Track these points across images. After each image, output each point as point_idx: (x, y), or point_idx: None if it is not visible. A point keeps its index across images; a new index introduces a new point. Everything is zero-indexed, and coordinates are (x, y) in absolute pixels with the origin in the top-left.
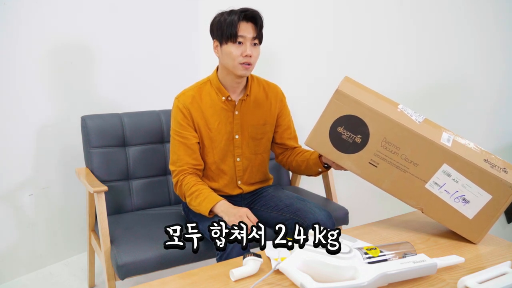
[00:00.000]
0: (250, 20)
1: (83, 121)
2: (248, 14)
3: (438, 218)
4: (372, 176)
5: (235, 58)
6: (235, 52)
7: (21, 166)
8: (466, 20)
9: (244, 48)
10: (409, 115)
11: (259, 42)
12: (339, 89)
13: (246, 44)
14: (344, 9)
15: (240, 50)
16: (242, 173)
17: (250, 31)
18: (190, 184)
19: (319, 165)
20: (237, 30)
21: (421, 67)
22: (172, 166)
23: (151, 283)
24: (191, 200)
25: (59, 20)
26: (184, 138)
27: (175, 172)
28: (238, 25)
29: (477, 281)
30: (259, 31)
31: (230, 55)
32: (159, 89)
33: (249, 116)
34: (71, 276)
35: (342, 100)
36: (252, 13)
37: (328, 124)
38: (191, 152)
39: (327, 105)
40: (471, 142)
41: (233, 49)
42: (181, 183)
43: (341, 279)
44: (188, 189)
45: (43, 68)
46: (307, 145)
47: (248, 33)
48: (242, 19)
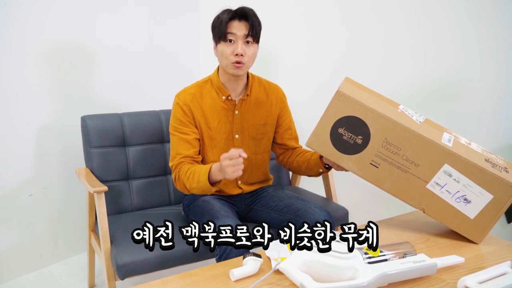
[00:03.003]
0: (243, 19)
1: (83, 121)
2: (239, 12)
3: (439, 218)
4: (373, 176)
5: (228, 57)
6: (226, 51)
7: (21, 166)
8: (467, 21)
9: (235, 46)
10: (410, 116)
11: (253, 41)
12: (339, 90)
13: (237, 42)
14: (347, 10)
15: (232, 49)
16: (242, 173)
17: (241, 29)
18: (185, 170)
19: (320, 165)
20: (227, 29)
21: (421, 68)
22: (171, 162)
23: (151, 283)
24: (190, 184)
25: (59, 20)
26: (184, 133)
27: (173, 167)
28: (228, 23)
29: (477, 281)
30: (252, 29)
31: (222, 54)
32: (159, 89)
33: (249, 116)
34: (71, 276)
35: (343, 101)
36: (242, 10)
37: (329, 125)
38: (190, 146)
39: (328, 106)
40: (472, 142)
41: (225, 47)
42: (178, 175)
43: (341, 279)
44: (184, 175)
45: (43, 68)
46: (308, 146)
47: (239, 31)
48: (233, 18)
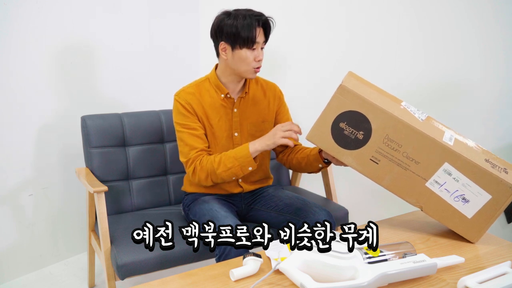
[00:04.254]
0: (263, 25)
1: (83, 121)
2: (264, 20)
3: (437, 217)
4: (373, 173)
5: (250, 63)
6: (250, 57)
7: (21, 166)
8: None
9: (257, 53)
10: (412, 113)
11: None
12: (342, 84)
13: (258, 49)
14: (348, 8)
15: (253, 55)
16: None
17: (262, 36)
18: (210, 159)
19: (320, 160)
20: (255, 36)
21: (421, 67)
22: (185, 157)
23: (151, 283)
24: (223, 166)
25: (59, 20)
26: (193, 129)
27: (189, 161)
28: (256, 31)
29: (477, 281)
30: (268, 36)
31: (245, 60)
32: (159, 89)
33: (247, 114)
34: (71, 276)
35: (345, 95)
36: (266, 19)
37: (331, 119)
38: (202, 141)
39: (330, 100)
40: (472, 141)
41: (249, 54)
42: (200, 166)
43: (341, 279)
44: (210, 163)
45: (43, 68)
46: (308, 140)
47: (261, 38)
48: (258, 25)
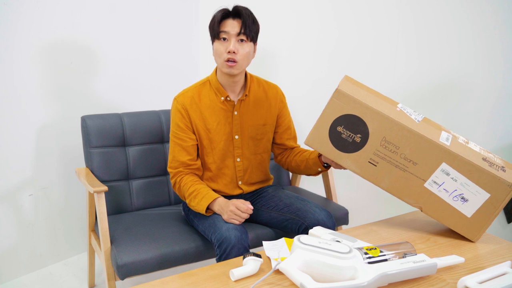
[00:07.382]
0: (236, 17)
1: (83, 121)
2: (232, 10)
3: (436, 217)
4: (372, 175)
5: (221, 55)
6: (220, 49)
7: (21, 166)
8: (467, 20)
9: (227, 44)
10: (409, 114)
11: (247, 39)
12: (339, 88)
13: (230, 40)
14: (345, 9)
15: (225, 47)
16: (243, 173)
17: (234, 27)
18: (188, 185)
19: (319, 164)
20: (220, 27)
21: (421, 67)
22: (169, 168)
23: (151, 283)
24: (191, 200)
25: (59, 20)
26: (181, 139)
27: (172, 173)
28: (222, 22)
29: (477, 281)
30: (245, 27)
31: (216, 52)
32: (159, 89)
33: (248, 116)
34: (71, 276)
35: (342, 99)
36: (236, 8)
37: (328, 123)
38: (186, 153)
39: (327, 104)
40: (470, 141)
41: (219, 46)
42: (179, 184)
43: (341, 279)
44: (186, 190)
45: (43, 68)
46: (307, 145)
47: (232, 29)
48: (226, 16)
